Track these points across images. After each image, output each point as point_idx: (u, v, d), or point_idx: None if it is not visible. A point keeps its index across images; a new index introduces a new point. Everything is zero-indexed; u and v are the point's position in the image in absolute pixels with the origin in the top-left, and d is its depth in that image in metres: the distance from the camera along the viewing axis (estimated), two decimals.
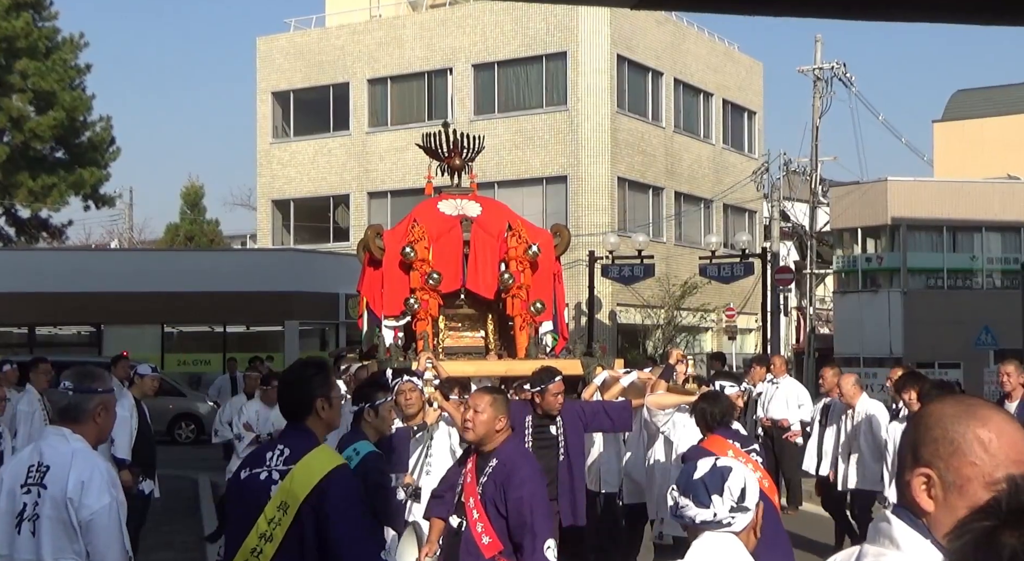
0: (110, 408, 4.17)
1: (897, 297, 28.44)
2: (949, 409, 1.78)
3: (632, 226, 28.29)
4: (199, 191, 43.55)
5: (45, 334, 25.91)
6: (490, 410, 4.85)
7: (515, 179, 28.89)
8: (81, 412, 4.03)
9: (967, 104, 37.63)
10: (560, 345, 8.78)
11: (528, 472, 4.81)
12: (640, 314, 28.27)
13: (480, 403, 4.92)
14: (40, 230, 34.76)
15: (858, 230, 29.89)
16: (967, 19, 10.75)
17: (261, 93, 33.50)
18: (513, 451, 4.94)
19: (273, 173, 33.29)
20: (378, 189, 31.44)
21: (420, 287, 8.18)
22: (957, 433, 1.73)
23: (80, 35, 33.21)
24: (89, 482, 3.86)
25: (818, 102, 31.07)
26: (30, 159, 31.80)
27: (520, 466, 4.80)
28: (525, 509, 4.65)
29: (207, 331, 26.37)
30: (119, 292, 24.26)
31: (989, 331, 23.46)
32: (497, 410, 4.86)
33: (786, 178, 32.84)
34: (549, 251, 8.58)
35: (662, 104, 31.12)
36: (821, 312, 35.65)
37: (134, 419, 8.60)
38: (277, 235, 33.49)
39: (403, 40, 31.30)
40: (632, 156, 29.68)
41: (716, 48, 33.93)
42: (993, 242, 29.20)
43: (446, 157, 8.89)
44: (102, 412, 4.09)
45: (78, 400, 4.05)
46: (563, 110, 28.97)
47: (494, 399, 4.93)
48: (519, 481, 4.70)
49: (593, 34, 28.76)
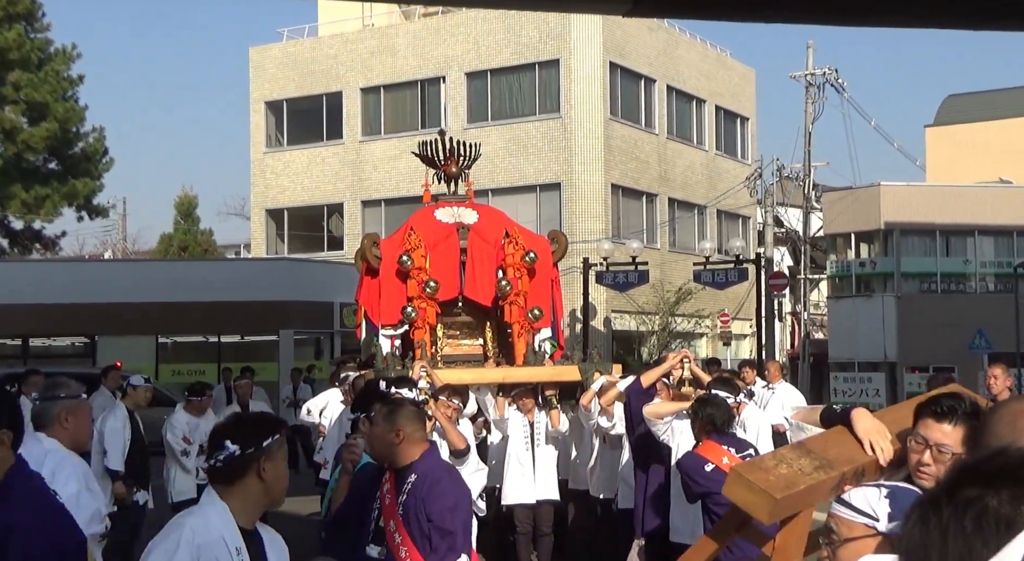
0: (78, 413, 4.46)
1: (891, 301, 28.50)
2: None
3: (626, 233, 28.33)
4: (193, 201, 43.53)
5: (39, 345, 25.84)
6: (382, 423, 4.45)
7: (509, 187, 28.92)
8: (47, 417, 4.36)
9: (959, 109, 37.77)
10: (558, 354, 8.78)
11: (449, 484, 4.47)
12: (635, 320, 28.29)
13: (376, 416, 4.55)
14: (33, 241, 34.69)
15: (851, 235, 29.97)
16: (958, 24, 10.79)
17: (254, 102, 33.49)
18: (432, 463, 4.54)
19: (267, 182, 33.27)
20: (372, 197, 31.44)
21: (417, 295, 8.17)
22: None
23: (73, 46, 33.22)
24: (59, 471, 4.07)
25: (810, 108, 31.15)
26: (23, 170, 31.76)
27: (440, 478, 4.45)
28: (448, 522, 4.33)
29: (202, 341, 26.32)
30: (113, 303, 24.20)
31: (983, 335, 23.52)
32: (392, 423, 4.44)
33: (779, 184, 32.89)
34: (546, 258, 8.59)
35: (655, 111, 31.18)
36: (816, 317, 35.68)
37: (127, 430, 8.59)
38: (271, 244, 33.45)
39: (396, 49, 31.33)
40: (625, 163, 29.73)
41: (708, 55, 34.02)
42: (986, 246, 29.29)
43: (442, 165, 8.88)
44: (69, 417, 4.39)
45: (43, 407, 4.43)
46: (556, 117, 29.02)
47: (389, 411, 4.52)
48: (440, 492, 4.37)
49: (585, 42, 28.82)
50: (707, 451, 5.89)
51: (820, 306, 36.49)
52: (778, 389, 12.76)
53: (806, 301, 33.08)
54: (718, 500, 5.69)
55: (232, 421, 3.45)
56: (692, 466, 5.88)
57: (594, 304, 26.02)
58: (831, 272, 31.15)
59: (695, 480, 5.84)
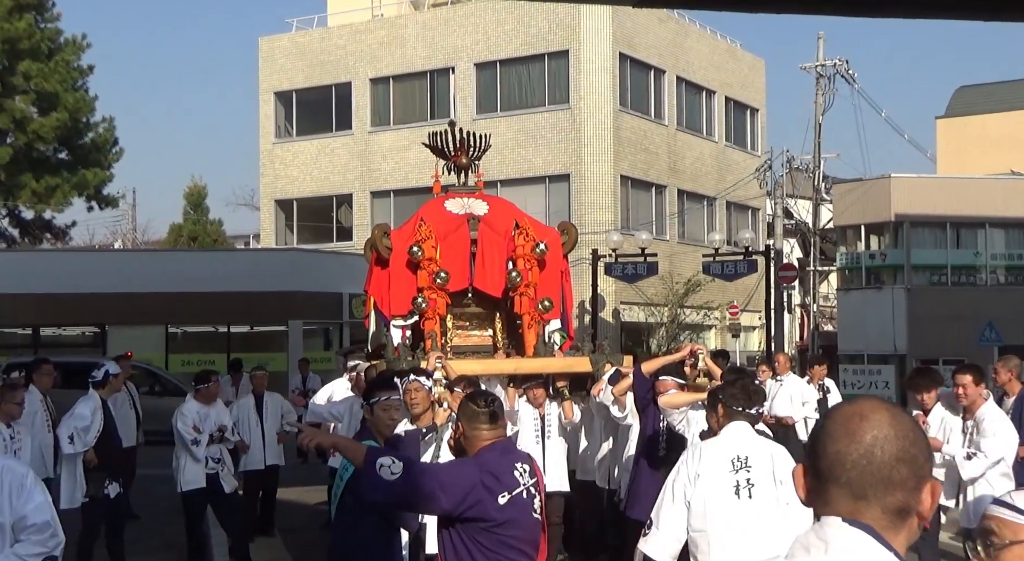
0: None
1: (901, 294, 28.43)
2: None
3: (635, 224, 28.30)
4: (202, 191, 43.56)
5: (49, 335, 25.93)
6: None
7: (518, 178, 28.90)
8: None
9: (970, 100, 37.60)
10: (567, 345, 8.77)
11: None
12: (644, 312, 28.28)
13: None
14: (44, 231, 34.78)
15: (861, 227, 29.87)
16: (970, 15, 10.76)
17: (263, 93, 33.52)
18: None
19: (276, 173, 33.31)
20: (381, 188, 31.45)
21: (428, 286, 8.15)
22: None
23: (83, 36, 33.21)
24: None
25: (821, 99, 31.07)
26: (33, 160, 31.81)
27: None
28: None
29: (211, 331, 26.39)
30: (123, 293, 24.28)
31: (993, 327, 23.44)
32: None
33: (789, 175, 32.82)
34: (556, 249, 8.57)
35: (664, 102, 31.11)
36: (825, 309, 35.64)
37: (97, 417, 8.53)
38: (280, 235, 33.50)
39: (405, 39, 31.31)
40: (635, 154, 29.68)
41: (718, 46, 33.93)
42: (997, 238, 29.18)
43: (453, 155, 8.86)
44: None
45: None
46: (565, 108, 28.97)
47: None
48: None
49: (595, 32, 28.75)
50: None
51: (829, 298, 36.43)
52: (786, 381, 12.74)
53: (815, 293, 33.04)
54: None
55: None
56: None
57: (603, 295, 26.01)
58: (841, 264, 31.07)
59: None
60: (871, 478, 1.78)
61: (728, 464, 5.05)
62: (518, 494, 4.16)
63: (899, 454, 1.78)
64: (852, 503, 1.78)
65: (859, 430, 1.80)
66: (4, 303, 23.83)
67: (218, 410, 9.62)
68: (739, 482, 5.01)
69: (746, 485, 5.01)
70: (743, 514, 4.97)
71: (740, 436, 5.16)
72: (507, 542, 4.10)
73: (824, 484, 1.82)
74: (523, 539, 4.16)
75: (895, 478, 1.78)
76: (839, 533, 1.76)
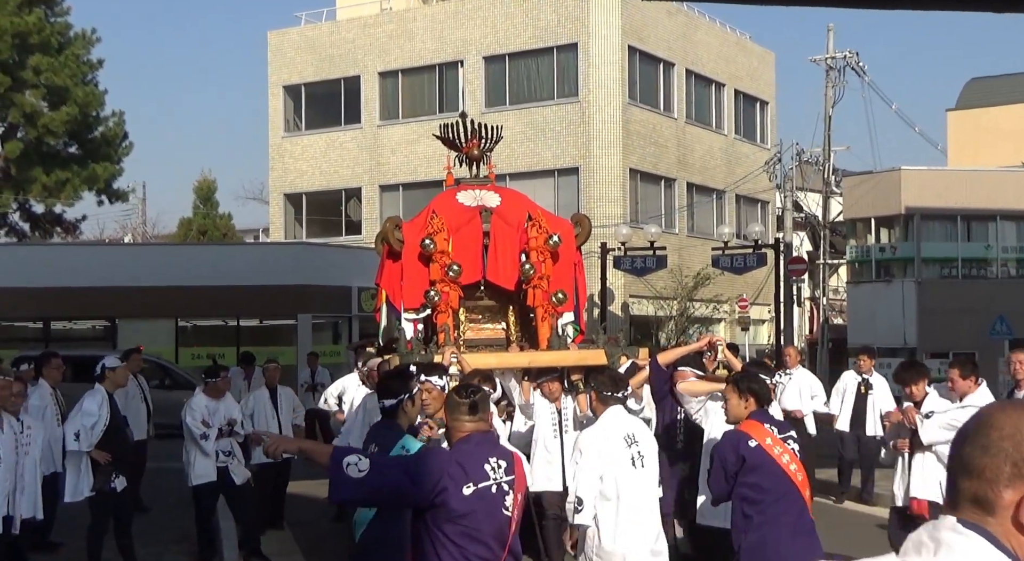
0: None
1: (911, 287, 28.34)
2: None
3: (644, 217, 28.25)
4: (212, 185, 43.61)
5: (60, 328, 26.00)
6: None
7: (527, 171, 28.87)
8: None
9: (981, 92, 37.44)
10: (579, 338, 8.72)
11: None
12: (653, 305, 28.24)
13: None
14: (54, 225, 34.91)
15: (871, 220, 29.77)
16: (980, 7, 10.69)
17: (272, 87, 33.52)
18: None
19: (285, 167, 33.32)
20: (390, 182, 31.45)
21: (440, 279, 8.10)
22: None
23: (92, 30, 33.33)
24: None
25: (830, 91, 30.97)
26: (44, 154, 31.92)
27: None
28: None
29: (221, 325, 26.42)
30: (133, 286, 24.34)
31: (1004, 320, 23.37)
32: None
33: (799, 168, 32.75)
34: (570, 241, 8.50)
35: (674, 95, 31.03)
36: (834, 302, 35.56)
37: (104, 411, 8.51)
38: (289, 229, 33.53)
39: (414, 33, 31.28)
40: (644, 147, 29.62)
41: (727, 38, 33.82)
42: (1008, 231, 29.06)
43: (465, 146, 8.80)
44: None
45: None
46: (574, 102, 28.92)
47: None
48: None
49: (604, 25, 28.69)
50: (749, 428, 5.79)
51: (839, 291, 36.35)
52: (796, 375, 12.72)
53: (825, 286, 32.97)
54: (748, 481, 5.65)
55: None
56: (734, 441, 5.75)
57: (612, 289, 25.98)
58: (850, 257, 30.98)
59: (728, 459, 5.71)
60: (992, 480, 1.73)
61: (623, 441, 6.03)
62: (485, 487, 4.19)
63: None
64: (972, 504, 1.76)
65: (989, 431, 1.75)
66: (15, 297, 23.90)
67: (227, 404, 9.61)
68: (633, 455, 6.03)
69: (639, 457, 6.04)
70: (640, 481, 6.01)
71: (621, 417, 6.13)
72: (470, 534, 4.14)
73: (951, 484, 1.79)
74: (487, 532, 4.19)
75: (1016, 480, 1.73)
76: (951, 535, 1.73)
